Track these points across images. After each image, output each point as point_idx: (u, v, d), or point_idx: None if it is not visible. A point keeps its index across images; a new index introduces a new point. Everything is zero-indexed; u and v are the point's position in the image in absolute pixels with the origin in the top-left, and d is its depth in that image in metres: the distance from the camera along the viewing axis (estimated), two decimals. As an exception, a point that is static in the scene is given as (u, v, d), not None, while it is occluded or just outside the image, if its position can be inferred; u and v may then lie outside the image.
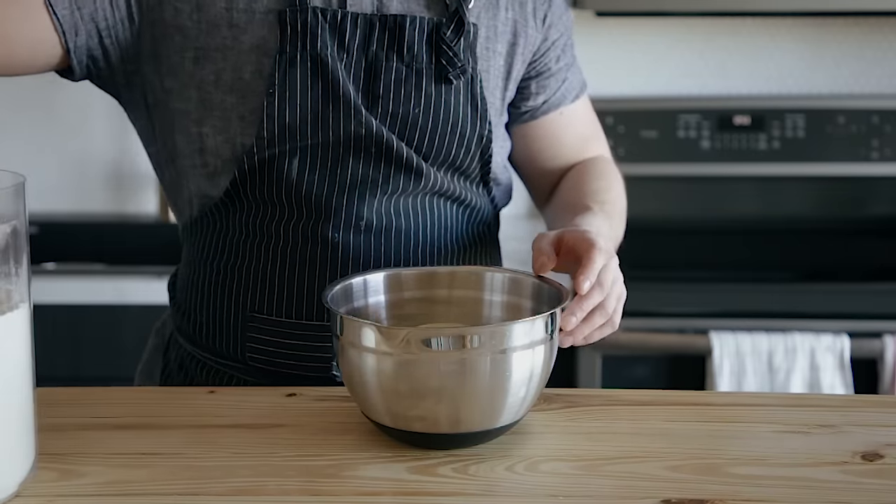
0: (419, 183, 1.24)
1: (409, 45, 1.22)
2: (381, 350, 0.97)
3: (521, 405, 1.01)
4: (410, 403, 0.98)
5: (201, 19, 1.20)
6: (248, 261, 1.24)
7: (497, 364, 0.97)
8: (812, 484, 0.95)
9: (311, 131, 1.20)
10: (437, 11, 1.24)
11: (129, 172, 2.68)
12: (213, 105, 1.21)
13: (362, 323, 1.02)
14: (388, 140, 1.21)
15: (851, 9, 2.39)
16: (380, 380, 0.98)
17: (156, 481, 0.95)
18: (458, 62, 1.23)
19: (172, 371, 1.33)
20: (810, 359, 2.14)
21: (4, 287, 0.90)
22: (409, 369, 0.97)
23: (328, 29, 1.20)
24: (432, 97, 1.23)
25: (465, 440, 1.01)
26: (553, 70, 1.35)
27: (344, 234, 1.22)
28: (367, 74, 1.21)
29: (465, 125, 1.25)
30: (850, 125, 2.56)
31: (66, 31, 1.20)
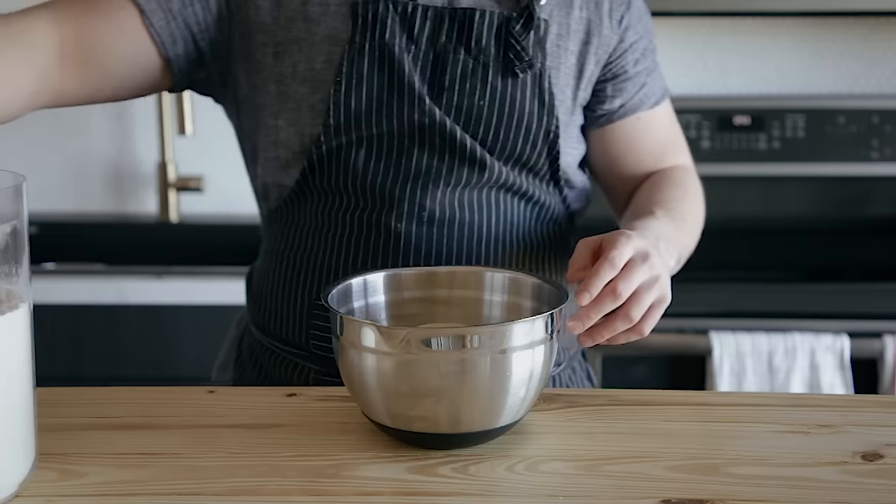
0: (483, 176, 1.25)
1: (478, 38, 1.23)
2: (381, 350, 0.97)
3: (521, 405, 1.01)
4: (410, 403, 0.98)
5: (279, 15, 1.24)
6: (315, 250, 1.26)
7: (497, 364, 0.97)
8: (812, 484, 0.95)
9: (377, 120, 1.22)
10: (507, 6, 1.25)
11: (129, 172, 2.68)
12: (289, 97, 1.24)
13: (362, 323, 1.02)
14: (452, 131, 1.22)
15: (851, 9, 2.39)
16: (380, 380, 0.98)
17: (156, 481, 0.95)
18: (525, 56, 1.23)
19: (245, 360, 1.36)
20: (810, 359, 2.14)
21: (4, 287, 0.90)
22: (409, 369, 0.97)
23: (398, 20, 1.22)
24: (498, 90, 1.24)
25: (465, 440, 1.01)
26: (630, 74, 1.34)
27: (407, 225, 1.23)
28: (434, 66, 1.23)
29: (531, 120, 1.25)
30: (850, 125, 2.56)
31: (164, 41, 1.24)
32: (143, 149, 2.67)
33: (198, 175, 2.63)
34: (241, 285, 2.19)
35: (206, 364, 2.18)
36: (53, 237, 2.58)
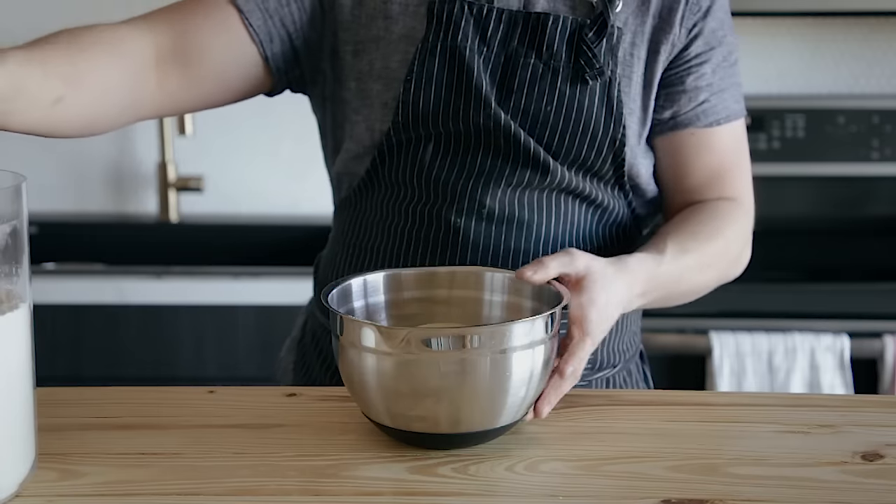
0: (545, 178, 1.25)
1: (550, 43, 1.24)
2: (381, 350, 0.97)
3: (521, 405, 1.01)
4: (410, 403, 0.98)
5: (361, 13, 1.26)
6: (378, 239, 1.29)
7: (497, 364, 0.97)
8: (812, 484, 0.95)
9: (443, 120, 1.23)
10: (582, 12, 1.25)
11: (129, 172, 2.68)
12: (366, 94, 1.26)
13: (362, 323, 1.02)
14: (517, 134, 1.23)
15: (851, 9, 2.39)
16: (380, 380, 0.98)
17: (156, 481, 0.95)
18: (596, 63, 1.23)
19: (307, 343, 1.40)
20: (810, 359, 2.14)
21: (4, 287, 0.90)
22: (409, 369, 0.97)
23: (472, 22, 1.24)
24: (566, 96, 1.24)
25: (465, 440, 1.01)
26: (687, 86, 1.29)
27: (466, 220, 1.25)
28: (503, 69, 1.24)
29: (597, 127, 1.25)
30: (850, 125, 2.55)
31: (262, 40, 1.26)
32: (143, 149, 2.67)
33: (198, 175, 2.63)
34: (241, 285, 2.20)
35: (206, 364, 2.19)
36: (53, 237, 2.58)
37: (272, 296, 2.18)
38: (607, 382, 1.33)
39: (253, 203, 2.66)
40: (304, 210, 2.63)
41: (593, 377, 1.31)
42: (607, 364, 1.32)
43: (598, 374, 1.31)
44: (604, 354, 1.31)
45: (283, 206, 2.65)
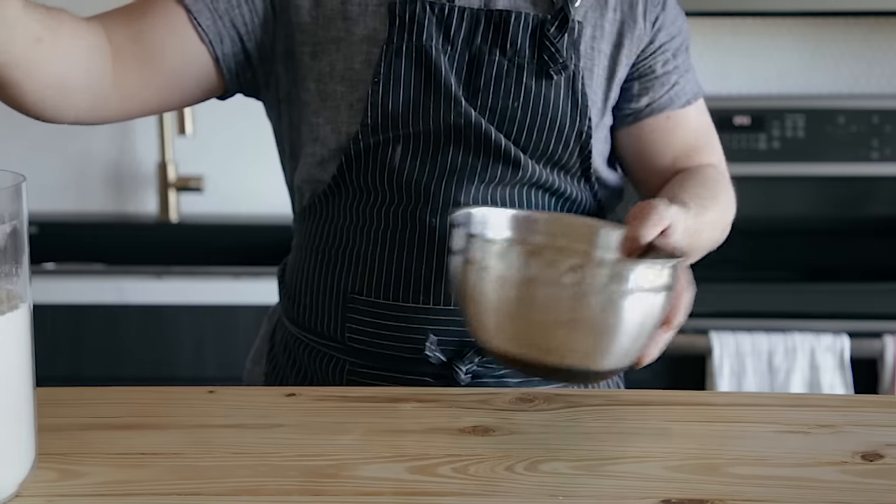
0: (517, 173, 1.27)
1: (513, 40, 1.25)
2: (533, 276, 0.98)
3: (633, 350, 1.03)
4: (543, 332, 0.99)
5: (319, 14, 1.26)
6: (350, 244, 1.29)
7: (641, 302, 0.98)
8: (812, 484, 0.95)
9: (413, 120, 1.24)
10: (542, 8, 1.27)
11: (129, 172, 2.68)
12: (327, 95, 1.27)
13: (504, 245, 1.04)
14: (487, 131, 1.24)
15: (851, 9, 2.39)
16: (508, 304, 0.99)
17: (156, 481, 0.95)
18: (559, 58, 1.25)
19: (278, 353, 1.39)
20: (810, 359, 2.14)
21: (4, 287, 0.90)
22: (553, 294, 0.97)
23: (435, 21, 1.24)
24: (532, 91, 1.25)
25: (573, 376, 1.02)
26: (658, 73, 1.35)
27: (441, 219, 1.26)
28: (469, 67, 1.25)
29: (563, 120, 1.27)
30: (850, 125, 2.56)
31: (212, 40, 1.26)
32: (143, 149, 2.67)
33: (198, 175, 2.63)
34: (241, 285, 2.20)
35: (206, 364, 2.19)
36: (53, 237, 2.58)
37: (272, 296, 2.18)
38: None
39: (253, 203, 2.66)
40: (304, 210, 2.63)
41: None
42: None
43: None
44: None
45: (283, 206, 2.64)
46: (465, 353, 1.27)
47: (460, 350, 1.27)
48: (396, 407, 1.11)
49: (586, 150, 1.30)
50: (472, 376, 1.27)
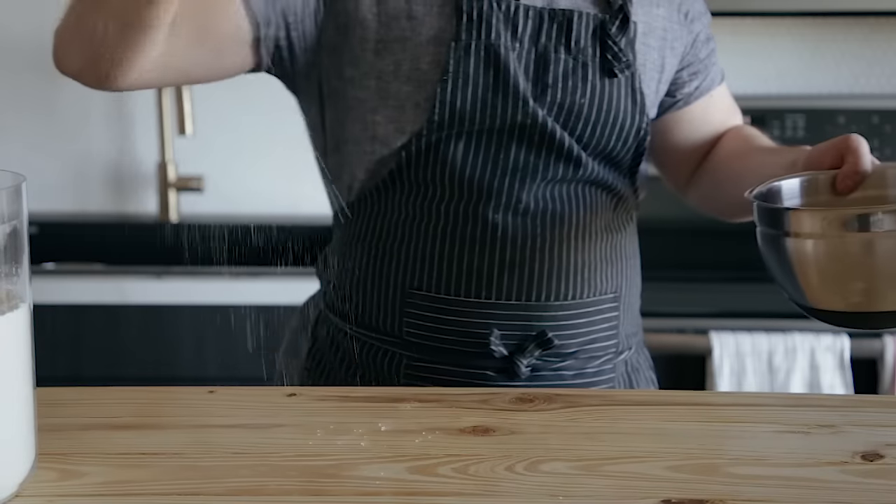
0: (577, 172, 1.29)
1: (577, 38, 1.27)
2: (860, 233, 1.05)
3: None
4: (857, 284, 1.06)
5: (381, 12, 1.26)
6: (408, 240, 1.29)
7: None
8: (812, 484, 0.95)
9: (480, 118, 1.25)
10: (600, 8, 1.29)
11: (129, 172, 2.68)
12: (390, 94, 1.27)
13: (831, 211, 1.08)
14: (552, 129, 1.26)
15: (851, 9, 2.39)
16: (850, 265, 1.06)
17: (156, 481, 0.95)
18: (623, 57, 1.28)
19: (323, 348, 1.38)
20: (810, 359, 2.14)
21: (4, 287, 0.90)
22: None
23: (502, 19, 1.25)
24: (597, 89, 1.28)
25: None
26: (701, 58, 1.42)
27: (503, 216, 1.27)
28: (536, 65, 1.27)
29: (625, 118, 1.30)
30: (850, 125, 2.55)
31: (259, 22, 1.26)
32: (143, 149, 2.67)
33: (198, 175, 2.63)
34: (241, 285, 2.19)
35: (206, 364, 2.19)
36: (53, 237, 2.58)
37: (272, 296, 2.18)
38: (626, 365, 1.37)
39: (253, 203, 2.66)
40: (304, 210, 2.63)
41: (616, 361, 1.35)
42: (625, 347, 1.37)
43: (620, 358, 1.36)
44: (622, 338, 1.35)
45: (283, 206, 2.65)
46: (526, 346, 1.28)
47: (521, 344, 1.28)
48: (396, 407, 1.11)
49: (642, 147, 1.33)
50: (531, 370, 1.29)
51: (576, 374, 1.31)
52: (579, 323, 1.30)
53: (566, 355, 1.30)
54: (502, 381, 1.28)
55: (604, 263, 1.32)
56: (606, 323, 1.32)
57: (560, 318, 1.29)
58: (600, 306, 1.32)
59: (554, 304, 1.29)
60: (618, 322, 1.34)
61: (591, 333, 1.31)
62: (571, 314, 1.30)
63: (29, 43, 2.62)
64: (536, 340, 1.28)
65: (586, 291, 1.30)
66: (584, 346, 1.31)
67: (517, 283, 1.28)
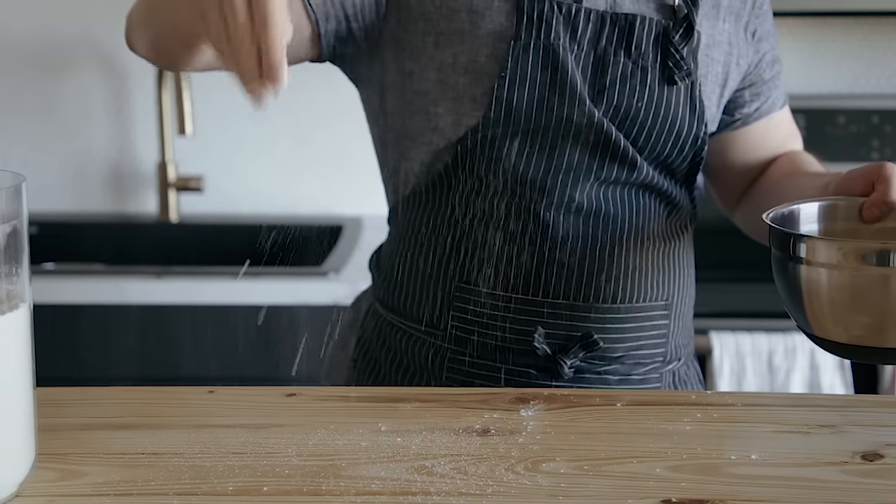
0: (631, 174, 1.29)
1: (638, 43, 1.27)
2: (877, 268, 1.04)
3: None
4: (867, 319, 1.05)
5: (442, 5, 1.27)
6: (459, 235, 1.30)
7: None
8: (812, 484, 0.95)
9: (536, 116, 1.25)
10: (664, 15, 1.29)
11: (129, 172, 2.68)
12: (449, 86, 1.27)
13: (846, 243, 1.08)
14: (608, 131, 1.26)
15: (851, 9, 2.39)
16: (862, 298, 1.05)
17: (156, 481, 0.95)
18: (684, 65, 1.28)
19: (370, 340, 1.39)
20: (810, 359, 2.14)
21: (4, 287, 0.90)
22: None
23: (562, 21, 1.26)
24: (655, 94, 1.28)
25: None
26: (766, 79, 1.42)
27: (556, 214, 1.27)
28: (594, 67, 1.27)
29: (682, 125, 1.30)
30: (850, 125, 2.55)
31: (318, 19, 1.27)
32: (143, 149, 2.67)
33: (198, 175, 2.63)
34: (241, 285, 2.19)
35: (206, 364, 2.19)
36: (53, 237, 2.57)
37: (272, 296, 2.18)
38: (673, 376, 1.37)
39: (253, 203, 2.66)
40: (304, 210, 2.63)
41: (664, 370, 1.35)
42: (674, 357, 1.36)
43: (667, 368, 1.36)
44: (671, 348, 1.35)
45: (283, 206, 2.65)
46: (571, 347, 1.28)
47: (566, 344, 1.29)
48: (396, 407, 1.11)
49: (699, 156, 1.33)
50: (574, 371, 1.29)
51: (620, 378, 1.31)
52: (627, 327, 1.30)
53: (612, 359, 1.30)
54: (545, 381, 1.29)
55: (656, 270, 1.32)
56: (656, 330, 1.32)
57: (607, 321, 1.29)
58: (650, 312, 1.32)
59: (602, 306, 1.29)
60: (668, 331, 1.34)
61: (639, 339, 1.31)
62: (619, 318, 1.30)
63: (29, 43, 2.62)
64: (581, 341, 1.28)
65: (636, 296, 1.30)
66: (630, 352, 1.31)
67: (565, 282, 1.28)
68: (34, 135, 2.65)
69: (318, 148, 2.62)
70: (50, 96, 2.65)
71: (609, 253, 1.29)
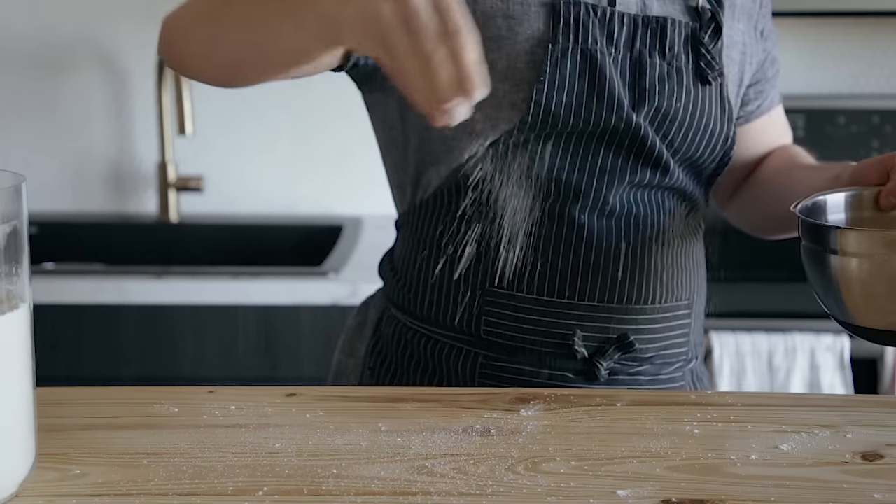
0: (664, 178, 1.30)
1: (671, 45, 1.28)
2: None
3: None
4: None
5: (477, 10, 1.25)
6: (488, 238, 1.28)
7: None
8: (812, 484, 0.95)
9: (574, 121, 1.25)
10: (691, 17, 1.31)
11: (129, 172, 2.68)
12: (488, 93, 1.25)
13: (878, 233, 1.11)
14: (645, 135, 1.27)
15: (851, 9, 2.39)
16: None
17: (156, 481, 0.95)
18: (716, 65, 1.29)
19: (388, 348, 1.37)
20: (810, 359, 2.14)
21: (4, 287, 0.90)
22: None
23: (598, 24, 1.26)
24: (691, 94, 1.29)
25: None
26: (768, 77, 1.44)
27: (589, 217, 1.27)
28: (632, 70, 1.27)
29: (715, 125, 1.30)
30: (850, 125, 2.55)
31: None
32: (143, 149, 2.67)
33: (198, 175, 2.63)
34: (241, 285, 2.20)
35: (206, 364, 2.19)
36: (53, 237, 2.58)
37: (272, 296, 2.18)
38: (691, 374, 1.39)
39: (253, 203, 2.66)
40: (304, 210, 2.63)
41: (686, 369, 1.37)
42: (693, 356, 1.38)
43: (689, 366, 1.37)
44: (692, 347, 1.37)
45: (283, 206, 2.66)
46: (607, 349, 1.29)
47: (601, 346, 1.29)
48: (396, 407, 1.11)
49: (728, 156, 1.34)
50: (609, 373, 1.29)
51: (651, 379, 1.32)
52: (657, 328, 1.31)
53: (644, 360, 1.31)
54: (582, 383, 1.29)
55: (679, 270, 1.32)
56: (680, 329, 1.33)
57: (640, 322, 1.29)
58: (676, 312, 1.32)
59: (635, 307, 1.29)
60: (689, 329, 1.34)
61: (667, 339, 1.32)
62: (651, 318, 1.30)
63: (29, 43, 2.62)
64: (617, 343, 1.29)
65: (664, 297, 1.31)
66: (660, 352, 1.32)
67: (600, 284, 1.28)
68: (34, 135, 2.65)
69: (318, 148, 2.62)
70: (50, 96, 2.65)
71: (640, 254, 1.29)
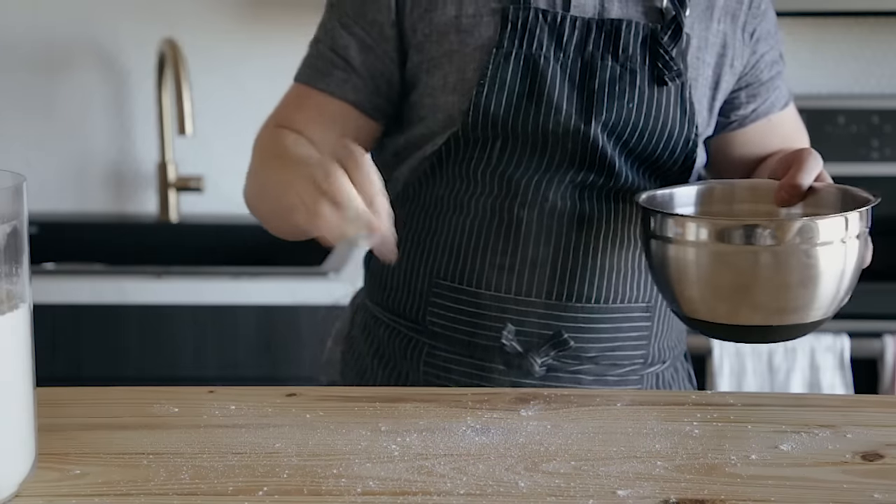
0: (609, 181, 1.29)
1: (625, 47, 1.28)
2: (733, 245, 1.09)
3: (833, 301, 1.12)
4: (735, 295, 1.10)
5: (432, 31, 1.28)
6: (438, 231, 1.32)
7: (819, 256, 1.08)
8: (812, 484, 0.95)
9: (513, 125, 1.26)
10: (653, 18, 1.29)
11: (129, 172, 2.68)
12: (439, 107, 1.29)
13: (706, 221, 1.14)
14: (586, 137, 1.27)
15: (851, 9, 2.38)
16: (719, 276, 1.11)
17: (156, 481, 0.95)
18: (673, 66, 1.28)
19: (356, 334, 1.42)
20: (810, 359, 2.14)
21: (4, 287, 0.90)
22: (740, 261, 1.09)
23: (547, 30, 1.26)
24: (645, 95, 1.28)
25: (782, 333, 1.12)
26: (763, 80, 1.40)
27: (529, 213, 1.28)
28: (582, 73, 1.27)
29: (673, 127, 1.29)
30: (850, 125, 2.55)
31: (370, 112, 1.32)
32: (143, 149, 2.67)
33: (198, 175, 2.63)
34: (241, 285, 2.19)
35: (206, 364, 2.18)
36: (53, 237, 2.57)
37: (272, 296, 2.18)
38: (656, 378, 1.36)
39: (253, 203, 2.66)
40: (304, 210, 2.63)
41: (644, 372, 1.35)
42: (657, 360, 1.36)
43: (649, 370, 1.35)
44: (654, 350, 1.35)
45: (283, 206, 2.65)
46: (542, 345, 1.29)
47: (537, 342, 1.29)
48: (396, 407, 1.11)
49: (691, 159, 1.32)
50: (546, 370, 1.29)
51: (595, 379, 1.31)
52: (602, 328, 1.30)
53: (585, 359, 1.31)
54: (516, 378, 1.29)
55: (636, 272, 1.31)
56: (635, 332, 1.32)
57: (580, 321, 1.29)
58: (629, 314, 1.32)
59: (575, 305, 1.29)
60: (650, 333, 1.33)
61: (615, 340, 1.31)
62: (594, 318, 1.30)
63: (29, 43, 2.62)
64: (552, 340, 1.29)
65: (612, 297, 1.30)
66: (605, 352, 1.31)
67: (538, 280, 1.28)
68: (34, 135, 2.65)
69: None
70: (50, 96, 2.64)
71: (583, 253, 1.29)
